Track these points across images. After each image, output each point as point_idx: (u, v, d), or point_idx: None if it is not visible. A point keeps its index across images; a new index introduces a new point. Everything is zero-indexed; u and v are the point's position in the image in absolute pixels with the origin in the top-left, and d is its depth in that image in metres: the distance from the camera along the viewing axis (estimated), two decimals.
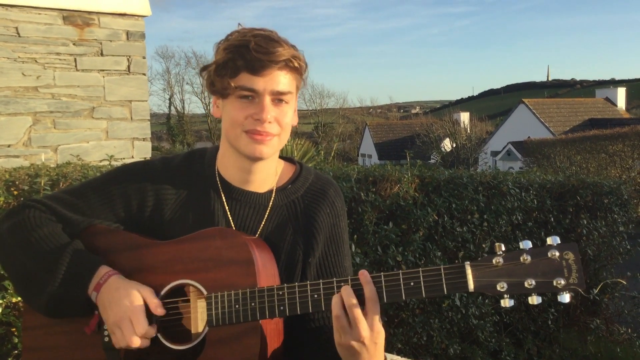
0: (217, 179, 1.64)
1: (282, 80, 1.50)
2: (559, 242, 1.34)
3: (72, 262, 1.50)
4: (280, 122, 1.53)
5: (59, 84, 5.49)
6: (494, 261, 1.34)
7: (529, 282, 1.32)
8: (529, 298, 1.34)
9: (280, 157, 1.72)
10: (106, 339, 1.52)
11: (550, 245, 1.34)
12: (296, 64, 1.52)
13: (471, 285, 1.34)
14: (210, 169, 1.65)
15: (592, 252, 5.70)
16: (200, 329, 1.50)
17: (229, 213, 1.62)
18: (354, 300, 1.37)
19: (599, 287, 1.95)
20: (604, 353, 5.45)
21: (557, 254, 1.32)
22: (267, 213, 1.64)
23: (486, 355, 4.77)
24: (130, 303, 1.45)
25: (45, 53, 5.41)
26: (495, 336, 4.90)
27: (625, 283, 5.88)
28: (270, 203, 1.64)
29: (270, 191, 1.65)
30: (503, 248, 1.35)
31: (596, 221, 5.82)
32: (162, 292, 1.52)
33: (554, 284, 1.31)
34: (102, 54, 5.74)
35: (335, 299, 1.39)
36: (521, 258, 1.33)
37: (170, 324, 1.53)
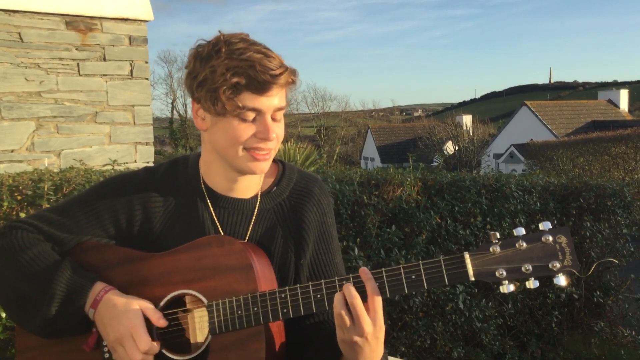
0: (203, 188, 1.63)
1: (280, 96, 1.50)
2: (551, 227, 1.39)
3: (66, 280, 1.48)
4: (279, 137, 1.53)
5: (62, 88, 5.51)
6: (491, 249, 1.39)
7: (526, 267, 1.37)
8: (527, 282, 1.39)
9: None
10: (106, 355, 1.51)
11: (543, 230, 1.39)
12: (294, 81, 1.52)
13: (471, 274, 1.38)
14: (195, 177, 1.64)
15: (596, 254, 5.69)
16: (201, 339, 1.50)
17: (217, 221, 1.61)
18: (357, 297, 1.38)
19: (592, 268, 1.94)
20: (608, 355, 5.43)
21: (551, 238, 1.37)
22: (253, 218, 1.63)
23: (490, 358, 4.76)
24: (130, 319, 1.44)
25: (48, 58, 5.42)
26: (499, 339, 4.89)
27: (617, 262, 5.84)
28: (257, 207, 1.64)
29: (256, 196, 1.65)
30: (498, 236, 1.40)
31: (599, 223, 5.80)
32: (161, 304, 1.51)
33: (550, 267, 1.37)
34: (104, 59, 5.75)
35: (337, 297, 1.40)
36: (517, 244, 1.38)
37: (170, 335, 1.52)
